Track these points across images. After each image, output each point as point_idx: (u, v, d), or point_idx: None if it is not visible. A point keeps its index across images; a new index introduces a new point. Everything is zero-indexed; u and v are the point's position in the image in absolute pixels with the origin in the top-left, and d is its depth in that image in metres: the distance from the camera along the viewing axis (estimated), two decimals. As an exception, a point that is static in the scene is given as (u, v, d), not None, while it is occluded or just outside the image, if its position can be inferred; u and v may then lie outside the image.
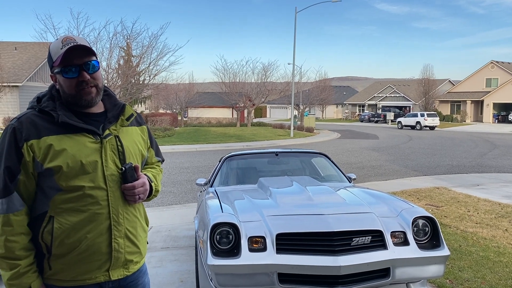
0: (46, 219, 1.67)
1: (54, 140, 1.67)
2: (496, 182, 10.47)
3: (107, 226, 1.71)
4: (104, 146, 1.74)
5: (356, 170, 12.38)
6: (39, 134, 1.66)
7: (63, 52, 1.68)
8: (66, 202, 1.67)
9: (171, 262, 5.03)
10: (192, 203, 8.41)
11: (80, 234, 1.67)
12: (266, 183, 4.43)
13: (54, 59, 1.71)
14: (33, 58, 28.23)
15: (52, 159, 1.65)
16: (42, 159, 1.65)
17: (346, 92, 74.43)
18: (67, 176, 1.66)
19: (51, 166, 1.64)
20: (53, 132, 1.68)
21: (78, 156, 1.67)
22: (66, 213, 1.67)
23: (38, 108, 1.73)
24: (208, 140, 24.18)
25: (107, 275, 1.75)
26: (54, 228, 1.66)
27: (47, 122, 1.70)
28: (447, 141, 24.60)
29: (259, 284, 3.11)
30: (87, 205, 1.68)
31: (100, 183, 1.70)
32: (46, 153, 1.65)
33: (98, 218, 1.69)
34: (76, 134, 1.71)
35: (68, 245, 1.67)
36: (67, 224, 1.66)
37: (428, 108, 49.13)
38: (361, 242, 3.18)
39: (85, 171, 1.68)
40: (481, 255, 4.98)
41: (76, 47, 1.69)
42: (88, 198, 1.68)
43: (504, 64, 48.84)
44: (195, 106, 47.89)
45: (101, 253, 1.71)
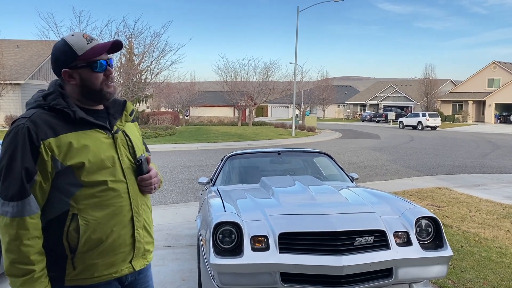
0: (69, 218, 1.65)
1: (73, 137, 1.66)
2: (498, 183, 10.45)
3: (129, 218, 1.76)
4: (116, 141, 1.78)
5: (357, 170, 12.36)
6: (55, 132, 1.64)
7: (101, 46, 1.72)
8: (89, 198, 1.67)
9: (173, 261, 5.03)
10: (194, 202, 8.41)
11: (106, 228, 1.69)
12: (268, 182, 4.43)
13: (80, 53, 1.70)
14: (35, 56, 28.25)
15: (73, 156, 1.64)
16: (63, 157, 1.63)
17: (347, 92, 74.37)
18: (88, 172, 1.66)
19: (73, 163, 1.64)
20: (69, 130, 1.67)
21: (98, 152, 1.70)
22: (91, 208, 1.67)
23: (47, 107, 1.69)
24: (209, 139, 24.18)
25: (130, 267, 1.79)
26: (80, 225, 1.65)
27: (59, 120, 1.68)
28: (449, 141, 24.57)
29: (261, 283, 3.11)
30: (110, 198, 1.70)
31: (120, 177, 1.75)
32: (66, 151, 1.64)
33: (121, 210, 1.73)
34: (90, 131, 1.72)
35: (94, 241, 1.67)
36: (93, 220, 1.67)
37: (429, 108, 49.08)
38: (364, 242, 3.18)
39: (105, 166, 1.71)
40: (483, 256, 4.97)
41: (116, 42, 1.74)
42: (110, 192, 1.70)
43: (506, 64, 48.74)
44: (197, 105, 47.90)
45: (125, 245, 1.75)
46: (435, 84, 51.11)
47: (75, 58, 1.70)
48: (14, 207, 1.57)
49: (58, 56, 1.73)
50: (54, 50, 1.74)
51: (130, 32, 23.04)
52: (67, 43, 1.71)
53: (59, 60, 1.72)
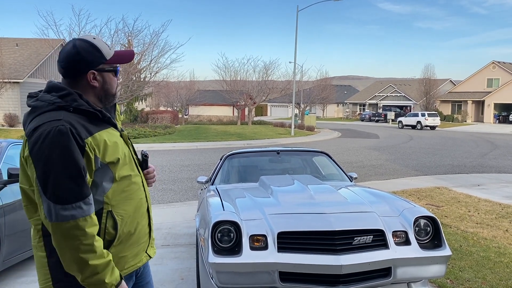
0: (104, 216, 1.67)
1: (104, 135, 1.71)
2: (496, 183, 10.47)
3: (146, 209, 1.86)
4: (125, 139, 1.87)
5: (356, 169, 12.37)
6: (90, 132, 1.66)
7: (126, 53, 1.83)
8: (120, 193, 1.73)
9: (172, 259, 5.03)
10: (193, 201, 8.41)
11: (134, 220, 1.77)
12: (267, 181, 4.43)
13: (107, 57, 1.76)
14: (34, 54, 28.19)
15: (111, 153, 1.70)
16: (102, 155, 1.67)
17: (347, 91, 74.37)
18: (120, 167, 1.73)
19: (111, 160, 1.70)
20: (96, 129, 1.70)
21: (122, 148, 1.78)
22: (122, 203, 1.73)
23: (72, 108, 1.66)
24: (208, 138, 24.17)
25: (147, 255, 1.89)
26: (116, 220, 1.70)
27: (85, 120, 1.68)
28: (448, 141, 24.59)
29: (260, 282, 3.11)
30: (134, 192, 1.79)
31: (136, 171, 1.84)
32: (103, 148, 1.68)
33: (142, 202, 1.83)
34: (109, 129, 1.77)
35: (126, 234, 1.74)
36: (126, 214, 1.74)
37: (429, 108, 49.11)
38: (362, 241, 3.18)
39: (127, 161, 1.79)
40: (481, 256, 4.98)
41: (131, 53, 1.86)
42: (134, 185, 1.79)
43: (505, 64, 48.77)
44: (196, 104, 47.88)
45: (145, 234, 1.85)
46: (434, 83, 51.13)
47: (103, 62, 1.75)
48: (79, 207, 1.54)
49: (84, 57, 1.71)
50: (79, 50, 1.71)
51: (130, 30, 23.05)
52: (95, 46, 1.73)
53: (85, 61, 1.71)
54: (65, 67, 1.73)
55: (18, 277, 4.53)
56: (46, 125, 1.57)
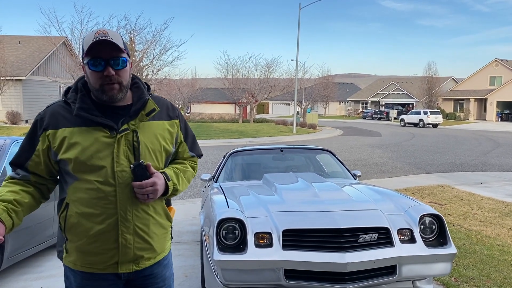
0: (63, 205, 1.78)
1: (69, 133, 1.72)
2: (499, 181, 10.44)
3: (113, 222, 1.72)
4: (118, 141, 1.73)
5: (359, 167, 12.35)
6: (57, 125, 1.74)
7: (90, 43, 1.68)
8: (79, 192, 1.73)
9: (175, 257, 5.02)
10: (196, 199, 8.42)
11: (89, 225, 1.72)
12: (271, 179, 4.42)
13: (84, 50, 1.70)
14: (36, 52, 28.20)
15: (65, 151, 1.72)
16: (57, 149, 1.73)
17: (349, 89, 74.23)
18: (78, 169, 1.72)
19: (64, 158, 1.72)
20: (71, 124, 1.73)
21: (88, 151, 1.70)
22: (79, 202, 1.73)
23: (64, 100, 1.80)
24: (210, 135, 24.17)
25: (116, 267, 1.78)
26: (67, 214, 1.76)
27: (69, 113, 1.76)
28: (450, 139, 24.54)
29: (265, 280, 3.11)
30: (95, 198, 1.71)
31: (109, 179, 1.71)
32: (60, 144, 1.72)
33: (105, 212, 1.71)
34: (92, 127, 1.73)
35: (78, 234, 1.75)
36: (77, 214, 1.73)
37: (431, 105, 49.00)
38: (368, 239, 3.18)
39: (94, 166, 1.70)
40: (485, 254, 4.97)
41: (102, 41, 1.67)
42: (96, 192, 1.71)
43: (508, 62, 48.61)
44: (198, 101, 47.88)
45: (109, 247, 1.74)
46: (436, 81, 50.99)
47: (83, 54, 1.72)
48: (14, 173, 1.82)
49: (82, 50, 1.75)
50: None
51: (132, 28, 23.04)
52: (84, 38, 1.74)
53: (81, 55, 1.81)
54: None
55: (22, 274, 4.55)
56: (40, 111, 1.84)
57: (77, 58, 22.87)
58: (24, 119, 25.85)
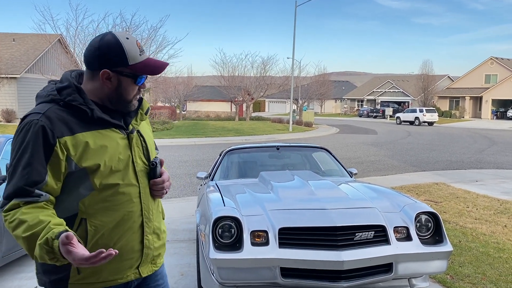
0: (77, 222, 1.57)
1: (89, 137, 1.57)
2: (494, 178, 10.49)
3: (139, 224, 1.67)
4: (131, 142, 1.69)
5: (355, 165, 12.37)
6: (72, 130, 1.55)
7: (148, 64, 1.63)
8: (99, 202, 1.58)
9: (171, 255, 5.01)
10: (191, 197, 8.40)
11: (114, 234, 1.61)
12: (267, 177, 4.42)
13: (131, 63, 1.60)
14: (31, 49, 28.04)
15: (90, 158, 1.55)
16: (78, 157, 1.54)
17: (345, 87, 74.32)
18: (102, 175, 1.58)
19: (88, 165, 1.55)
20: (85, 128, 1.57)
21: (114, 154, 1.61)
22: (100, 213, 1.58)
23: (62, 102, 1.58)
24: (206, 133, 24.15)
25: (137, 273, 1.71)
26: (88, 230, 1.57)
27: (74, 117, 1.57)
28: (446, 137, 24.63)
29: (261, 278, 3.10)
30: (121, 203, 1.62)
31: (132, 180, 1.66)
32: (82, 151, 1.55)
33: (131, 216, 1.64)
34: (106, 130, 1.62)
35: (101, 247, 1.56)
36: (101, 225, 1.59)
37: (427, 103, 49.15)
38: (364, 237, 3.18)
39: (118, 169, 1.62)
40: (481, 251, 4.99)
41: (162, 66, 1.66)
42: (121, 196, 1.62)
43: (503, 60, 48.82)
44: (194, 99, 47.79)
45: (134, 252, 1.66)
46: (432, 79, 51.15)
47: (123, 65, 1.60)
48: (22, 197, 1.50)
49: (105, 54, 1.58)
50: (101, 45, 1.59)
51: (127, 26, 22.92)
52: (121, 47, 1.58)
53: (104, 58, 1.59)
54: (85, 56, 1.64)
55: (17, 272, 4.52)
56: (29, 117, 1.54)
57: (72, 56, 22.77)
58: (19, 117, 25.72)
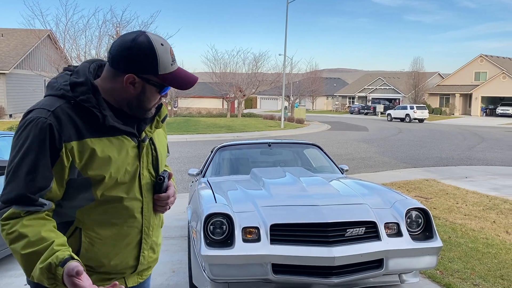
0: (71, 230, 1.45)
1: (97, 144, 1.42)
2: (484, 175, 10.60)
3: (138, 240, 1.56)
4: (142, 151, 1.54)
5: (346, 162, 12.42)
6: (81, 134, 1.40)
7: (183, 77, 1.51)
8: (98, 214, 1.46)
9: (162, 252, 5.00)
10: (183, 194, 8.37)
11: (110, 249, 1.49)
12: (259, 173, 4.42)
13: (161, 71, 1.45)
14: (20, 45, 27.70)
15: (95, 167, 1.41)
16: (83, 166, 1.40)
17: (336, 84, 74.52)
18: (105, 187, 1.45)
19: (92, 175, 1.41)
20: (94, 134, 1.42)
21: (121, 165, 1.47)
22: (97, 226, 1.46)
23: (73, 101, 1.42)
24: (198, 130, 24.07)
25: (123, 281, 1.60)
26: (82, 242, 1.45)
27: (85, 119, 1.42)
28: (436, 133, 24.82)
29: (253, 274, 3.11)
30: (121, 218, 1.50)
31: (137, 194, 1.53)
32: (88, 159, 1.40)
33: (131, 232, 1.53)
34: (116, 137, 1.47)
35: (95, 261, 1.48)
36: (97, 238, 1.46)
37: (417, 100, 49.49)
38: (355, 233, 3.19)
39: (124, 181, 1.48)
40: (470, 247, 5.04)
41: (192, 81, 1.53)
42: (123, 211, 1.49)
43: (493, 58, 49.25)
44: (185, 96, 47.61)
45: (127, 268, 1.57)
46: (423, 76, 51.49)
47: (152, 74, 1.45)
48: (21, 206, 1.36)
49: (136, 57, 1.42)
50: (133, 46, 1.42)
51: (118, 21, 22.72)
52: (155, 53, 1.43)
53: (134, 62, 1.43)
54: (111, 53, 1.46)
55: (7, 270, 4.48)
56: (36, 112, 1.38)
57: (62, 52, 22.53)
58: (8, 113, 25.43)
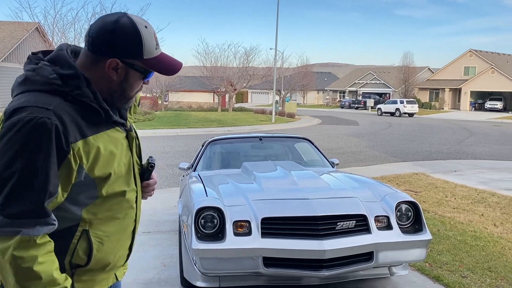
0: (77, 235, 1.34)
1: (100, 141, 1.33)
2: (472, 169, 10.72)
3: (132, 229, 1.52)
4: (131, 142, 1.49)
5: (336, 156, 12.45)
6: (82, 133, 1.28)
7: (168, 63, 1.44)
8: (103, 211, 1.39)
9: (153, 246, 4.99)
10: (174, 188, 8.35)
11: (116, 244, 1.44)
12: (250, 167, 4.42)
13: (146, 55, 1.37)
14: (8, 37, 27.29)
15: (102, 166, 1.33)
16: (90, 166, 1.30)
17: (327, 78, 74.65)
18: (110, 184, 1.38)
19: (100, 175, 1.33)
20: (94, 130, 1.32)
21: (120, 158, 1.41)
22: (103, 223, 1.39)
23: (70, 96, 1.29)
24: (189, 124, 23.98)
25: (114, 278, 1.55)
26: (92, 243, 1.36)
27: (82, 116, 1.30)
28: (426, 128, 25.02)
29: (244, 268, 3.11)
30: (123, 211, 1.45)
31: (132, 184, 1.48)
32: (94, 158, 1.31)
33: (129, 223, 1.49)
34: (111, 130, 1.40)
35: (105, 260, 1.41)
36: (105, 236, 1.40)
37: (407, 95, 49.77)
38: (345, 226, 3.21)
39: (122, 174, 1.43)
40: (458, 239, 5.11)
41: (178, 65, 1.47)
42: (125, 204, 1.45)
43: (482, 53, 49.67)
44: (176, 90, 47.37)
45: (123, 259, 1.52)
46: (413, 71, 51.77)
47: (137, 58, 1.37)
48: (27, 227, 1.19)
49: (119, 41, 1.32)
50: (116, 29, 1.32)
51: (107, 14, 22.47)
52: (139, 36, 1.34)
53: (117, 46, 1.33)
54: (91, 37, 1.34)
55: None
56: (29, 111, 1.21)
57: (51, 45, 22.25)
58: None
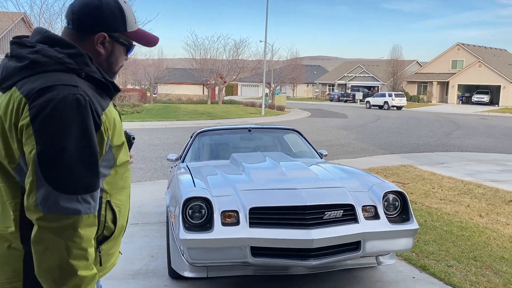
0: (104, 207, 1.40)
1: (113, 112, 1.42)
2: (459, 161, 10.84)
3: (129, 196, 1.59)
4: (120, 113, 1.55)
5: (325, 148, 12.46)
6: (102, 107, 1.34)
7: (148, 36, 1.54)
8: (117, 180, 1.45)
9: (141, 237, 4.97)
10: (162, 180, 8.31)
11: (126, 212, 1.53)
12: (239, 158, 4.40)
13: (129, 28, 1.47)
14: (-8, 28, 26.79)
15: (118, 134, 1.42)
16: (111, 136, 1.38)
17: (316, 72, 74.69)
18: (121, 153, 1.45)
19: (118, 144, 1.42)
20: (106, 103, 1.39)
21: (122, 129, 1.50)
22: (118, 192, 1.46)
23: (84, 74, 1.34)
24: (178, 117, 23.85)
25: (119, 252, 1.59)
26: (116, 213, 1.44)
27: (93, 89, 1.36)
28: (414, 120, 25.23)
29: (231, 258, 3.11)
30: (128, 179, 1.54)
31: (128, 154, 1.56)
32: (113, 128, 1.39)
33: (129, 190, 1.57)
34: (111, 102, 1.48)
35: (120, 228, 1.49)
36: (122, 205, 1.48)
37: (396, 88, 50.08)
38: (333, 216, 3.22)
39: (125, 143, 1.50)
40: (445, 230, 5.17)
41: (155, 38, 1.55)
42: (128, 172, 1.53)
43: (469, 46, 50.10)
44: (165, 82, 47.04)
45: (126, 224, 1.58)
46: (401, 64, 52.07)
47: (121, 31, 1.46)
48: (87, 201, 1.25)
49: (104, 15, 1.40)
50: (102, 5, 1.39)
51: (95, 5, 22.19)
52: (122, 10, 1.44)
53: (104, 19, 1.40)
54: (78, 15, 1.39)
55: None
56: (60, 89, 1.23)
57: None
58: None
